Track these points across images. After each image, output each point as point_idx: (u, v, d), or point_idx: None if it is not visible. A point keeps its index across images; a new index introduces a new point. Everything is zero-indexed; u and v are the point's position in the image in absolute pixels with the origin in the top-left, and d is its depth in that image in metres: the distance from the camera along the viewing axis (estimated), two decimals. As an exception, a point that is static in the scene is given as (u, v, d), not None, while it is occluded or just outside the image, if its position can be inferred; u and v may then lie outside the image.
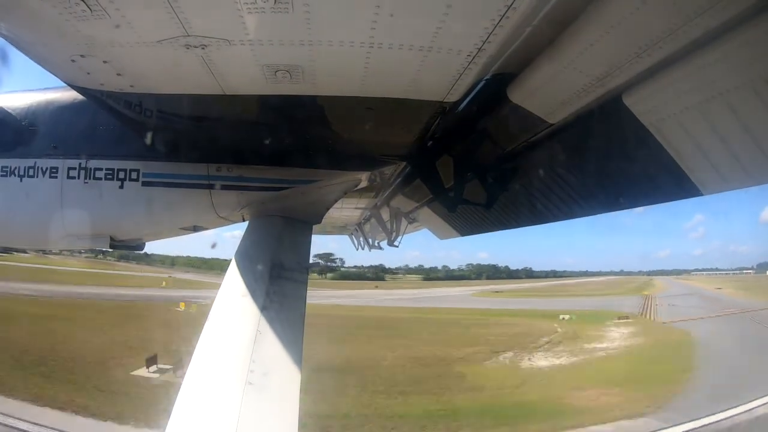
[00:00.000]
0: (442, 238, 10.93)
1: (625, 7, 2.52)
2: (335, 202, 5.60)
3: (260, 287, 3.93)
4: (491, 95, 3.92)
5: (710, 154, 3.17)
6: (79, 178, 4.87)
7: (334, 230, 14.81)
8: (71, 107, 5.00)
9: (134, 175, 4.86)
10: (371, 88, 3.02)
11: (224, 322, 3.78)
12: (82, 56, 2.76)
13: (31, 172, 4.93)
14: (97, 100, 3.69)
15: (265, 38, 2.45)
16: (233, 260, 4.25)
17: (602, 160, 4.24)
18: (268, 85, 2.96)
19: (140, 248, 5.90)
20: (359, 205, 10.22)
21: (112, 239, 5.21)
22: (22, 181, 4.94)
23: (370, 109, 3.39)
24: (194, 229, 5.86)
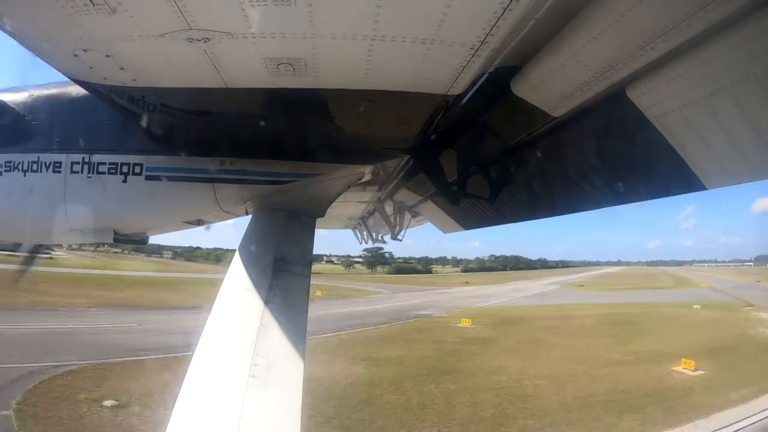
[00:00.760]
0: (445, 231, 10.92)
1: None
2: (338, 195, 5.60)
3: (263, 281, 3.94)
4: (494, 88, 3.90)
5: (714, 148, 3.14)
6: (82, 172, 4.90)
7: (337, 224, 14.81)
8: (74, 102, 5.02)
9: (137, 169, 4.89)
10: (374, 80, 3.00)
11: (227, 315, 3.80)
12: (84, 50, 2.75)
13: (34, 167, 4.96)
14: (100, 94, 3.68)
15: (267, 31, 2.44)
16: (236, 254, 4.27)
17: (606, 153, 4.22)
18: (270, 78, 2.95)
19: (144, 242, 5.94)
20: (363, 199, 10.21)
21: (115, 233, 5.25)
22: (25, 176, 4.98)
23: (372, 102, 3.38)
24: (198, 222, 5.89)
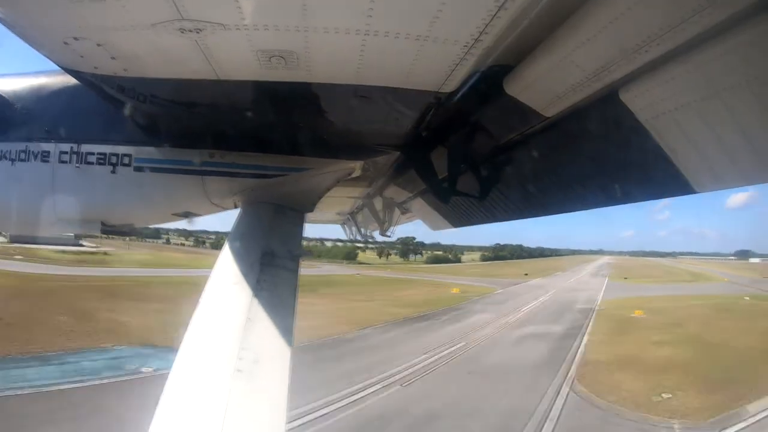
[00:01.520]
0: (434, 229, 10.95)
1: (623, 2, 2.51)
2: (328, 190, 5.57)
3: (251, 275, 3.91)
4: (487, 87, 3.90)
5: (705, 152, 3.17)
6: (71, 162, 4.82)
7: (326, 219, 14.77)
8: (64, 91, 4.92)
9: (126, 160, 4.82)
10: (366, 76, 3.00)
11: (214, 309, 3.76)
12: (75, 39, 2.71)
13: (22, 156, 4.88)
14: (90, 84, 3.63)
15: (260, 23, 2.42)
16: (224, 247, 4.24)
17: (597, 154, 4.26)
18: (262, 70, 2.93)
19: (131, 234, 5.87)
20: (352, 194, 10.19)
21: (103, 224, 5.18)
22: (13, 164, 4.89)
23: (364, 97, 3.36)
24: (186, 215, 5.82)
